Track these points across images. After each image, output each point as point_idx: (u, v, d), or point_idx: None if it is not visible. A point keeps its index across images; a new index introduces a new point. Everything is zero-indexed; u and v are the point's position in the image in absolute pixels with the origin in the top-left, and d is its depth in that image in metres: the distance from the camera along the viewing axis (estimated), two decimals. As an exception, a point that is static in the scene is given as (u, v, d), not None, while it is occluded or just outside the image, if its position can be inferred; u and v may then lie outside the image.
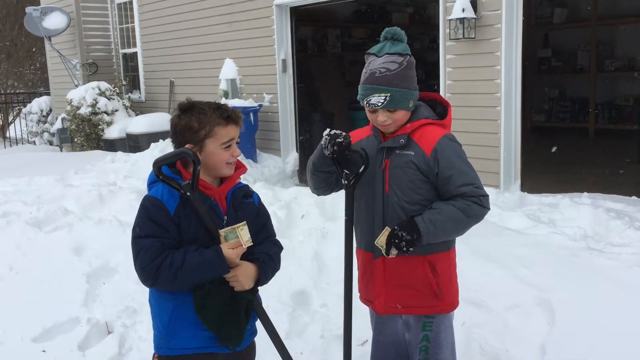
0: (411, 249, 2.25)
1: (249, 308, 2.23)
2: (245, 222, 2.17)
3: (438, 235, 2.28)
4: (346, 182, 2.39)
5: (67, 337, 3.59)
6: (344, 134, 2.35)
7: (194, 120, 2.16)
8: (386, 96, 2.28)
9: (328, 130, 2.37)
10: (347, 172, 2.39)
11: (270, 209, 5.36)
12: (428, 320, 2.47)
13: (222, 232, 2.14)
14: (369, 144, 2.44)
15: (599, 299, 3.65)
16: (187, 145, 2.17)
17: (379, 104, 2.29)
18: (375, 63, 2.32)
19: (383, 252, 2.30)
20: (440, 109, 2.46)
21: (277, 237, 2.42)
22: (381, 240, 2.30)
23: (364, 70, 2.36)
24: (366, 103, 2.33)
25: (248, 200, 2.32)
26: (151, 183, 2.23)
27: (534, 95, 11.18)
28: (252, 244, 2.18)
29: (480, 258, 4.17)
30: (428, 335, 2.47)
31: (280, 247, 2.39)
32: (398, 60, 2.30)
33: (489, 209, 2.34)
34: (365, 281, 2.56)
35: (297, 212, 5.43)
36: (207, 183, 2.21)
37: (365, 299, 2.62)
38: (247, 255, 2.22)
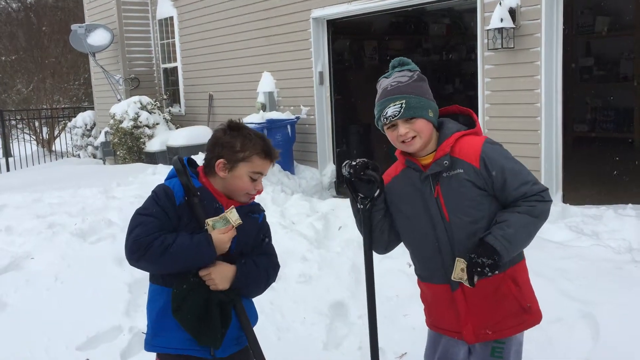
0: (496, 271, 2.18)
1: (225, 311, 2.18)
2: (233, 206, 2.19)
3: (515, 248, 2.20)
4: (362, 206, 2.36)
5: (110, 345, 3.67)
6: (361, 159, 2.32)
7: (238, 140, 2.22)
8: (401, 103, 2.24)
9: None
10: (362, 195, 2.35)
11: (307, 221, 5.48)
12: (498, 345, 2.34)
13: (209, 220, 2.15)
14: (408, 178, 2.36)
15: (646, 313, 3.55)
16: (219, 160, 2.21)
17: (396, 114, 2.24)
18: (386, 82, 2.34)
19: (466, 283, 2.21)
20: (463, 119, 2.39)
21: (278, 259, 2.38)
22: (458, 274, 2.21)
23: (377, 95, 2.37)
24: (384, 119, 2.29)
25: (253, 216, 2.32)
26: (168, 178, 2.27)
27: (575, 105, 10.96)
28: (241, 222, 2.17)
29: (521, 270, 4.09)
30: None
31: (275, 264, 2.36)
32: (408, 74, 2.31)
33: (552, 201, 2.25)
34: (441, 312, 2.42)
35: (335, 223, 5.44)
36: (219, 191, 2.24)
37: (438, 327, 2.48)
38: (232, 260, 2.21)
